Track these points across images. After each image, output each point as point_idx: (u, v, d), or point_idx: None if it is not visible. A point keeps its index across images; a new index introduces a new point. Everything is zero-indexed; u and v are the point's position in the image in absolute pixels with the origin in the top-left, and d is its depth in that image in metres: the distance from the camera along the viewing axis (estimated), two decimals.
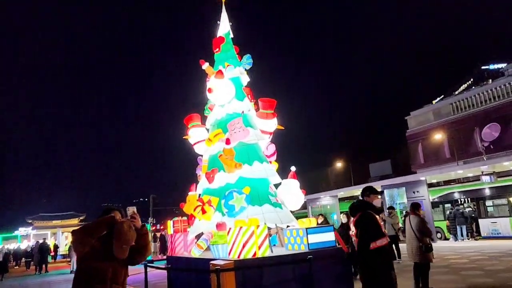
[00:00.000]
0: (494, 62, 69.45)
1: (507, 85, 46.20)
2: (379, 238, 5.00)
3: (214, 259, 8.12)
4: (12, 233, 54.69)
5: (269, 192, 9.11)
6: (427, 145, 51.03)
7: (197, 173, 10.74)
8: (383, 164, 58.34)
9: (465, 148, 39.03)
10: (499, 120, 44.29)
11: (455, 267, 11.53)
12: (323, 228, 8.48)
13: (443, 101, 57.49)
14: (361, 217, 5.10)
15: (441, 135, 45.26)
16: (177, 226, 11.07)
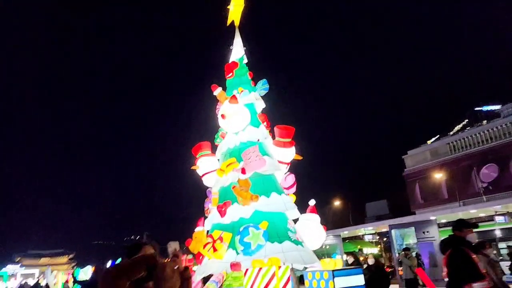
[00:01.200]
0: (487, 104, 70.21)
1: (503, 126, 46.23)
2: (477, 280, 4.07)
3: None
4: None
5: (288, 228, 8.13)
6: (425, 185, 50.17)
7: (205, 206, 9.75)
8: (379, 204, 57.28)
9: (463, 188, 38.21)
10: (496, 160, 43.85)
11: None
12: (352, 270, 7.47)
13: (439, 141, 57.37)
14: (453, 254, 4.14)
15: (439, 175, 44.56)
16: None
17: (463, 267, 4.04)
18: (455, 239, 4.37)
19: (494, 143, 46.25)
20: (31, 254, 61.60)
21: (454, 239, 4.37)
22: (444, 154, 51.24)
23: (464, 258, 4.10)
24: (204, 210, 9.83)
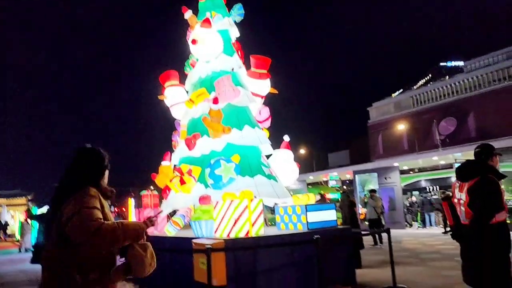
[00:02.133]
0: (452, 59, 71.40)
1: (465, 81, 47.24)
2: (501, 211, 3.77)
3: (196, 237, 6.67)
4: None
5: (262, 162, 7.72)
6: (387, 136, 51.37)
7: (173, 139, 9.16)
8: (341, 154, 58.45)
9: (423, 141, 39.26)
10: (456, 114, 45.19)
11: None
12: (325, 205, 7.22)
13: (403, 94, 58.22)
14: (482, 183, 3.72)
15: (401, 127, 45.51)
16: (146, 200, 9.46)
17: (494, 196, 3.70)
18: (483, 165, 3.95)
19: (455, 97, 47.44)
20: None
21: (482, 165, 3.95)
22: (407, 107, 52.16)
23: (496, 187, 3.76)
24: (172, 143, 9.24)
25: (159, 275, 7.89)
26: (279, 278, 6.23)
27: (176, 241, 7.28)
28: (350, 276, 6.91)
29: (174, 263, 7.21)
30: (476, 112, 44.67)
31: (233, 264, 5.89)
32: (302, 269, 6.47)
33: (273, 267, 6.22)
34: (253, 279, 6.03)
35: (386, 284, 6.85)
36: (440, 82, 53.51)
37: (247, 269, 6.00)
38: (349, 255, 7.04)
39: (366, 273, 8.04)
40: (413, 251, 11.15)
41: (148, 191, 9.58)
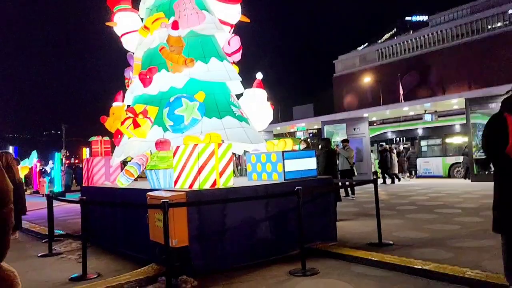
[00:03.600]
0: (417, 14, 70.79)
1: (430, 35, 46.88)
2: None
3: (152, 189, 5.50)
4: None
5: (231, 102, 6.47)
6: (352, 89, 51.05)
7: (125, 76, 7.70)
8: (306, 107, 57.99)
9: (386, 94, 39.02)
10: (419, 69, 45.13)
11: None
12: (304, 152, 6.16)
13: (369, 48, 57.56)
14: None
15: (366, 80, 45.09)
16: (96, 148, 8.10)
17: None
18: None
19: (419, 51, 47.22)
20: None
21: None
22: (372, 60, 51.72)
23: None
24: (125, 81, 7.79)
25: (111, 233, 6.74)
26: (251, 236, 5.22)
27: (129, 194, 6.08)
28: (330, 232, 6.02)
29: (127, 220, 6.04)
30: (438, 66, 44.88)
31: (197, 221, 4.80)
32: (279, 225, 5.49)
33: (244, 223, 5.18)
34: (221, 238, 4.99)
35: (368, 240, 6.04)
36: (405, 36, 53.07)
37: (213, 227, 4.94)
38: (331, 208, 6.12)
39: (343, 226, 7.22)
40: (387, 202, 10.51)
41: (98, 137, 8.19)
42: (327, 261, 5.23)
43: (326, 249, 5.57)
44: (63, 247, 6.86)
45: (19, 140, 66.81)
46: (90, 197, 7.74)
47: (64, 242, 7.15)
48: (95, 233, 7.28)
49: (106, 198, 6.85)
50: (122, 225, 6.23)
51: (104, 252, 6.39)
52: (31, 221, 10.47)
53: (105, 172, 7.90)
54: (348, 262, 5.13)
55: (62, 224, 9.39)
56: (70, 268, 5.50)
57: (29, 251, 6.86)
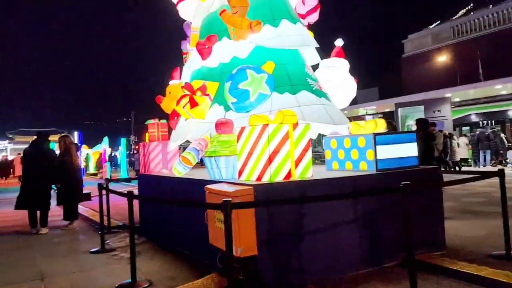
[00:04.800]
0: None
1: (510, 10, 41.69)
2: None
3: (211, 181, 4.45)
4: None
5: (307, 73, 5.23)
6: (423, 70, 47.14)
7: (182, 49, 6.72)
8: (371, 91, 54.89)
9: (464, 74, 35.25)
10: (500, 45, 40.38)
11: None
12: (402, 135, 4.77)
13: (442, 25, 52.74)
14: None
15: (440, 59, 41.23)
16: (152, 131, 7.27)
17: None
18: None
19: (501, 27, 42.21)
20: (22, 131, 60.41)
21: None
22: (447, 38, 47.22)
23: None
24: (182, 57, 6.82)
25: (166, 229, 5.85)
26: (334, 243, 4.00)
27: (186, 185, 5.09)
28: (437, 237, 4.62)
29: (185, 215, 5.07)
30: None
31: (268, 223, 3.66)
32: (369, 229, 4.21)
33: (326, 227, 3.97)
34: (297, 247, 3.82)
35: (487, 249, 4.58)
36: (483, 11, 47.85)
37: (288, 231, 3.78)
38: (437, 208, 4.69)
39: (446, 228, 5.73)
40: (488, 195, 8.73)
41: (155, 120, 7.35)
42: (437, 279, 3.87)
43: (434, 262, 4.19)
44: (117, 241, 6.11)
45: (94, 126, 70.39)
46: (146, 186, 6.94)
47: (119, 235, 6.42)
48: (150, 227, 6.46)
49: (163, 188, 5.97)
50: (179, 220, 5.28)
51: (158, 251, 5.51)
52: (94, 209, 10.05)
53: (162, 158, 7.05)
54: (468, 283, 3.73)
55: (122, 213, 8.75)
56: (120, 271, 4.66)
57: (82, 245, 6.19)
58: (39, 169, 7.09)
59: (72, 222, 7.54)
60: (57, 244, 6.28)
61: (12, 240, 6.67)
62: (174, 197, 5.45)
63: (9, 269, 5.03)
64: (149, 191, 6.65)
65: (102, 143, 24.81)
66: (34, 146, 7.38)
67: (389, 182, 4.23)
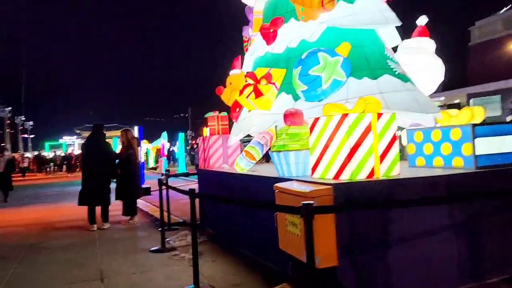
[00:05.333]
0: None
1: None
2: None
3: (280, 179, 3.95)
4: (57, 142, 54.12)
5: (387, 56, 4.57)
6: (495, 58, 43.62)
7: (244, 36, 6.29)
8: None
9: None
10: None
11: None
12: (507, 126, 4.00)
13: None
14: None
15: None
16: (213, 125, 6.92)
17: None
18: None
19: None
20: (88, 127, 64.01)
21: None
22: None
23: None
24: (243, 45, 6.39)
25: (231, 228, 5.46)
26: (427, 255, 3.35)
27: (250, 182, 4.65)
28: None
29: (250, 215, 4.64)
30: None
31: (349, 230, 3.11)
32: (467, 239, 3.51)
33: (417, 235, 3.34)
34: (383, 258, 3.22)
35: None
36: None
37: (372, 240, 3.20)
38: None
39: None
40: None
41: (215, 112, 7.00)
42: None
43: None
44: (178, 240, 5.82)
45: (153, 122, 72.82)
46: (206, 182, 6.62)
47: (180, 233, 6.13)
48: (211, 225, 6.12)
49: (224, 185, 5.59)
50: (243, 220, 4.87)
51: (221, 252, 5.14)
52: (154, 203, 9.99)
53: (223, 153, 6.69)
54: None
55: (182, 208, 8.54)
56: (181, 273, 4.33)
57: (142, 242, 5.98)
58: (98, 164, 6.97)
59: (132, 217, 7.41)
60: (118, 240, 6.13)
61: (78, 235, 6.64)
62: (236, 195, 5.04)
63: (73, 266, 4.89)
64: (209, 188, 6.31)
65: (161, 138, 25.30)
66: (92, 140, 7.27)
67: (492, 182, 3.52)
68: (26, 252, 5.61)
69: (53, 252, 5.58)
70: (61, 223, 8.00)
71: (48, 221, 8.26)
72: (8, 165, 12.38)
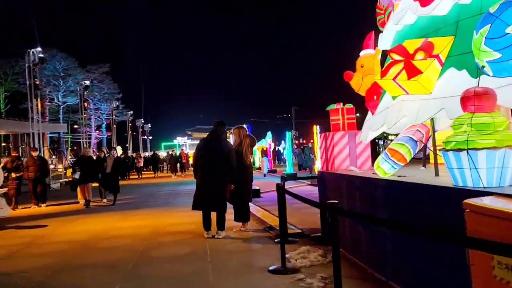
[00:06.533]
0: None
1: None
2: None
3: (467, 190, 2.65)
4: (172, 142, 57.96)
5: None
6: None
7: (378, 9, 5.01)
8: None
9: None
10: None
11: None
12: None
13: None
14: None
15: None
16: (336, 119, 5.77)
17: None
18: None
19: None
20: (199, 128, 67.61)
21: None
22: None
23: None
24: (377, 19, 5.12)
25: (371, 250, 4.26)
26: None
27: (403, 192, 3.41)
28: None
29: (404, 238, 3.40)
30: None
31: None
32: None
33: None
34: None
35: None
36: None
37: None
38: None
39: None
40: None
41: (338, 104, 5.85)
42: None
43: None
44: (299, 257, 4.80)
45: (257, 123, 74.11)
46: (328, 188, 5.51)
47: (300, 249, 5.10)
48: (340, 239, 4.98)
49: (355, 193, 4.41)
50: (394, 243, 3.64)
51: (359, 280, 3.97)
52: (263, 206, 9.20)
53: (350, 153, 5.51)
54: None
55: (297, 215, 7.54)
56: None
57: (258, 257, 5.09)
58: (216, 165, 6.11)
59: (245, 224, 6.63)
60: (231, 254, 5.33)
61: (189, 243, 6.02)
62: (378, 208, 3.83)
63: (181, 284, 4.18)
64: (333, 194, 5.18)
65: (266, 138, 24.89)
66: (212, 138, 6.41)
67: None
68: (135, 262, 5.09)
69: (161, 264, 4.98)
70: (173, 226, 7.58)
71: (159, 223, 7.92)
72: (115, 165, 11.93)
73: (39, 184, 11.64)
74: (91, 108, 45.74)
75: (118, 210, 10.34)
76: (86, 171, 11.09)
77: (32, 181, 11.56)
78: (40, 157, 12.98)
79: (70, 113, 44.67)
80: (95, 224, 8.24)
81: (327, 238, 5.51)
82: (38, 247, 6.36)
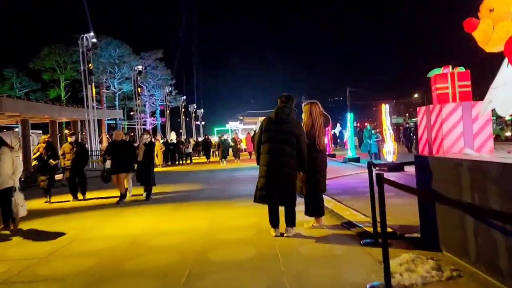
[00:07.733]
0: None
1: None
2: None
3: None
4: (224, 126, 57.96)
5: None
6: None
7: None
8: None
9: None
10: None
11: None
12: None
13: None
14: None
15: None
16: (444, 87, 4.43)
17: None
18: None
19: None
20: (250, 113, 67.18)
21: None
22: None
23: None
24: None
25: None
26: None
27: None
28: None
29: None
30: None
31: None
32: None
33: None
34: None
35: None
36: None
37: None
38: None
39: None
40: None
41: (446, 68, 4.50)
42: None
43: None
44: (403, 269, 3.60)
45: None
46: (432, 177, 4.21)
47: (401, 258, 3.88)
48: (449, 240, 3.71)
49: (492, 187, 3.12)
50: None
51: None
52: (332, 195, 8.00)
53: (464, 131, 4.18)
54: None
55: None
56: None
57: (348, 268, 3.93)
58: (284, 149, 4.99)
59: (319, 219, 5.51)
60: (309, 260, 4.22)
61: (254, 243, 4.98)
62: None
63: None
64: (448, 187, 3.89)
65: None
66: (278, 117, 5.14)
67: None
68: (191, 270, 4.10)
69: (222, 272, 3.99)
70: (232, 219, 6.62)
71: (216, 219, 6.78)
72: (147, 152, 9.60)
73: (77, 174, 10.02)
74: (145, 95, 46.44)
75: (168, 202, 9.20)
76: (118, 159, 9.21)
77: (69, 171, 10.02)
78: (78, 143, 10.89)
79: (126, 100, 45.67)
80: (145, 217, 7.48)
81: (430, 241, 4.27)
82: (82, 244, 5.65)
